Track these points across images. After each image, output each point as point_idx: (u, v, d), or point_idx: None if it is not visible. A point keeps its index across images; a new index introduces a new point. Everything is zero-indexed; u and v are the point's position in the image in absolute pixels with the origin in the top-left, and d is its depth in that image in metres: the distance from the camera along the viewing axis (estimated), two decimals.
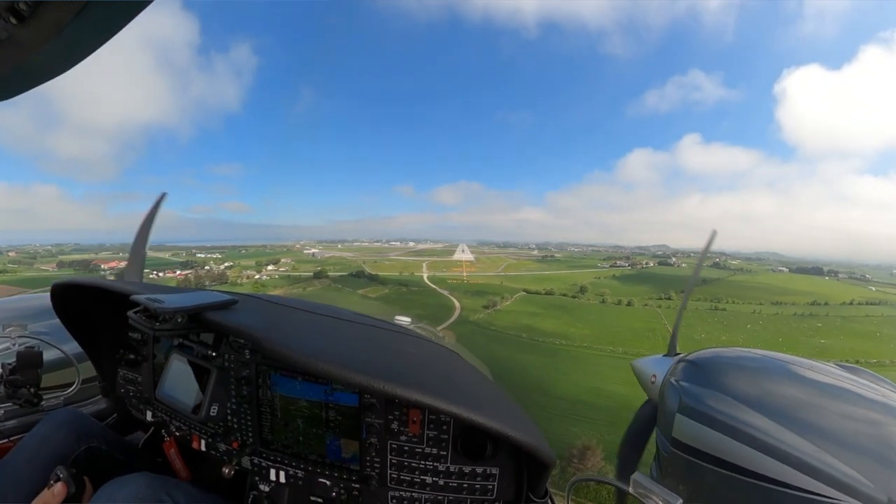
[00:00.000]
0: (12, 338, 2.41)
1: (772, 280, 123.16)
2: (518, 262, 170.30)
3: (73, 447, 1.67)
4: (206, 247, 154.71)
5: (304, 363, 1.27)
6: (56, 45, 0.76)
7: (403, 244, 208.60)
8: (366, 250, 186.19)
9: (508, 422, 1.30)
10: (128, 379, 2.10)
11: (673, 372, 2.36)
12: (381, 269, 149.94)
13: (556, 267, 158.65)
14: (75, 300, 1.99)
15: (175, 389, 1.77)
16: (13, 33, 0.72)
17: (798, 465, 1.60)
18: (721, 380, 2.07)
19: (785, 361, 2.19)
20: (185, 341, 1.73)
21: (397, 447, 1.57)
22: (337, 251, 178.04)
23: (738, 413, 1.85)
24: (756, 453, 1.70)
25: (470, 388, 1.55)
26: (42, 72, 0.87)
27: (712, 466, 1.84)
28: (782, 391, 1.95)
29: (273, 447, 1.72)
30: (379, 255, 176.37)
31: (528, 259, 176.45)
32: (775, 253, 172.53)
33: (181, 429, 1.92)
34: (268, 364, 1.66)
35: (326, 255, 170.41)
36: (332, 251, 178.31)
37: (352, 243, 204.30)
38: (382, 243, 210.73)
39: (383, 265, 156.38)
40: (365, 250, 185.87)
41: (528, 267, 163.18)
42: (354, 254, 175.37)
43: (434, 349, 2.04)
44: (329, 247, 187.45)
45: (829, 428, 1.71)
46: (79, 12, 0.69)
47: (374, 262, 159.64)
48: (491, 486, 1.53)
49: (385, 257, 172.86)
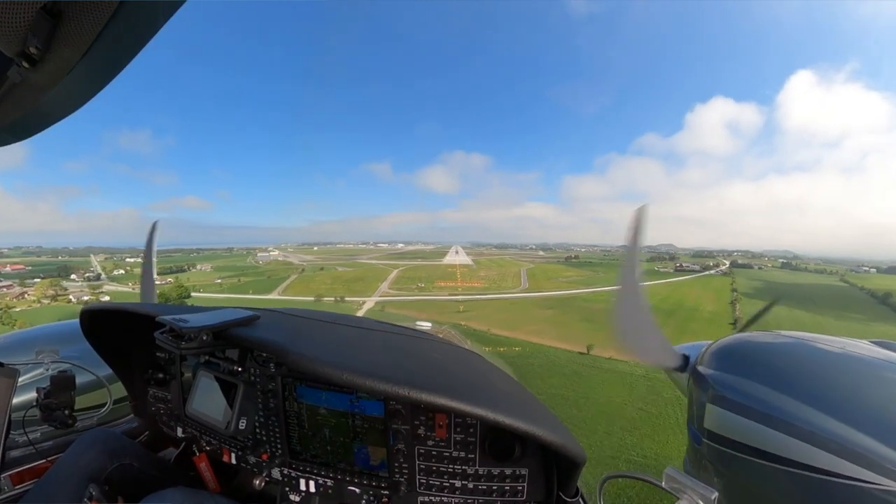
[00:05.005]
0: (46, 363, 2.48)
1: None
2: (537, 265, 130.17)
3: (107, 465, 1.71)
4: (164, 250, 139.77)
5: (328, 374, 1.28)
6: (66, 85, 0.79)
7: (391, 245, 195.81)
8: (337, 252, 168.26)
9: (535, 421, 1.29)
10: (158, 397, 2.15)
11: (701, 361, 2.30)
12: (304, 284, 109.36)
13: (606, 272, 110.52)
14: (104, 324, 2.04)
15: (204, 405, 1.80)
16: (26, 77, 0.75)
17: (839, 451, 1.51)
18: (752, 366, 2.01)
19: (816, 342, 2.12)
20: (211, 358, 1.77)
21: (425, 452, 1.56)
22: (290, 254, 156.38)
23: (772, 399, 1.78)
24: (793, 441, 1.63)
25: (494, 390, 1.54)
26: (55, 112, 0.91)
27: (748, 457, 1.78)
28: (816, 374, 1.88)
29: (302, 457, 1.74)
30: (347, 258, 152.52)
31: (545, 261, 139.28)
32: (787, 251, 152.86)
33: (211, 443, 1.95)
34: (293, 376, 1.68)
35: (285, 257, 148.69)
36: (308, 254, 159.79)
37: (335, 245, 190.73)
38: (369, 245, 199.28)
39: (320, 277, 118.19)
40: (336, 253, 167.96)
41: (563, 275, 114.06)
42: (317, 257, 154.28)
43: (456, 352, 2.03)
44: (304, 249, 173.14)
45: (869, 410, 1.63)
46: (86, 52, 0.73)
47: (319, 270, 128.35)
48: (521, 486, 1.52)
49: (353, 260, 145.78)
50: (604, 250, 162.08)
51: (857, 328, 67.82)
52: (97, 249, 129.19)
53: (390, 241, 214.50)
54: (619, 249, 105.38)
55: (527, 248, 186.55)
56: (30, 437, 2.05)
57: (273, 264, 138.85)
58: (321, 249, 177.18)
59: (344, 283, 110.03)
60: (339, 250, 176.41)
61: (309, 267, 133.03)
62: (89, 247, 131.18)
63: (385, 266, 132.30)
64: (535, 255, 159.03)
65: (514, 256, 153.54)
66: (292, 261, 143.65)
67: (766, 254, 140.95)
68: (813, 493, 1.57)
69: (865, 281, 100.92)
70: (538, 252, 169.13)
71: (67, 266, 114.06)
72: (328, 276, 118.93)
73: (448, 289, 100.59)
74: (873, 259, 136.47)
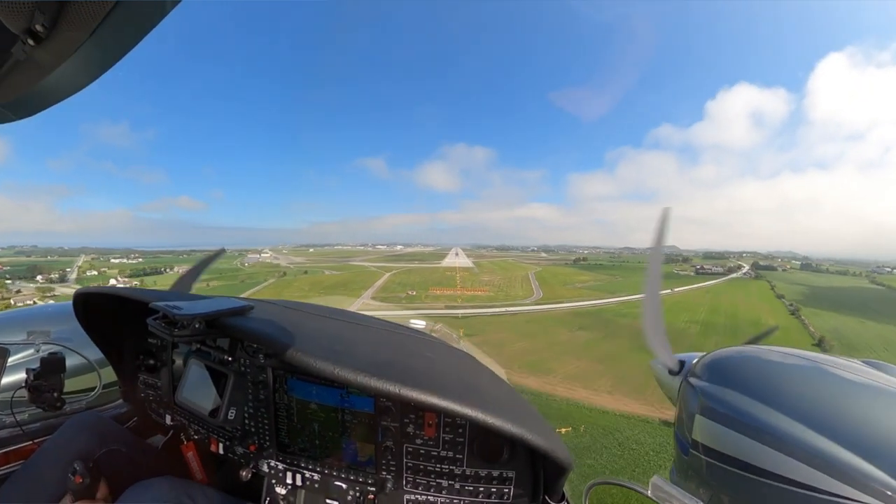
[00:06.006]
0: (36, 344, 2.47)
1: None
2: (544, 268, 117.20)
3: (95, 449, 1.71)
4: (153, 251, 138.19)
5: (318, 369, 1.27)
6: (72, 64, 0.79)
7: (390, 247, 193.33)
8: (332, 254, 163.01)
9: (524, 424, 1.28)
10: (148, 384, 2.14)
11: (692, 372, 2.31)
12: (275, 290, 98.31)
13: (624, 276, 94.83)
14: (96, 307, 2.03)
15: (193, 394, 1.80)
16: (31, 54, 0.75)
17: (822, 467, 1.51)
18: (742, 379, 2.02)
19: (808, 359, 2.12)
20: (202, 347, 1.76)
21: (413, 450, 1.57)
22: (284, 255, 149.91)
23: (761, 414, 1.79)
24: (780, 455, 1.63)
25: (485, 391, 1.54)
26: (59, 90, 0.90)
27: (735, 469, 1.79)
28: (806, 390, 1.89)
29: (290, 450, 1.73)
30: (341, 260, 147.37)
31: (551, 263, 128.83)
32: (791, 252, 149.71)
33: (199, 432, 1.95)
34: (284, 369, 1.67)
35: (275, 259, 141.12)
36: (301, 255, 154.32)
37: (333, 247, 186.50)
38: (367, 247, 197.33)
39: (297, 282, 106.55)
40: (331, 254, 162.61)
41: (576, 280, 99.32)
42: (309, 259, 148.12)
43: (449, 352, 2.03)
44: (300, 251, 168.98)
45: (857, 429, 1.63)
46: (93, 32, 0.72)
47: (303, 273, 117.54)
48: (507, 489, 1.52)
49: (346, 263, 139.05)
50: (607, 252, 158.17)
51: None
52: (91, 250, 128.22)
53: (389, 242, 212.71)
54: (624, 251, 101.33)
55: (528, 249, 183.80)
56: (17, 417, 2.04)
57: (257, 266, 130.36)
58: (317, 251, 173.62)
59: (323, 288, 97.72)
60: (336, 252, 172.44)
61: (294, 270, 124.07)
62: (84, 247, 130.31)
63: (377, 269, 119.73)
64: (538, 258, 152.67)
65: (517, 258, 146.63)
66: (281, 263, 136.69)
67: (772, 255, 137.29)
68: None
69: None
70: (540, 254, 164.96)
71: (37, 266, 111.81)
72: (307, 282, 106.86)
73: (445, 298, 79.53)
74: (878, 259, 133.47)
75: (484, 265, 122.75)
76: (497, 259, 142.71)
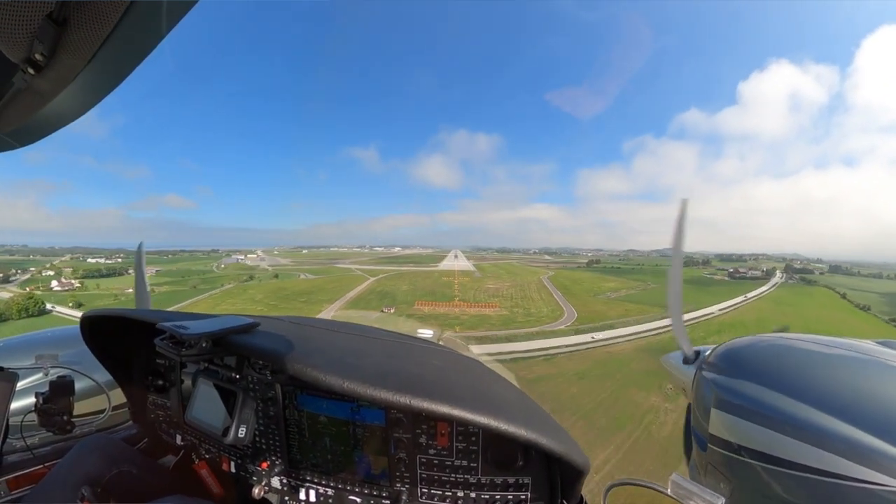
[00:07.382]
0: (45, 367, 2.47)
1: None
2: (557, 272, 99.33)
3: (105, 471, 1.70)
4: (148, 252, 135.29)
5: (327, 383, 1.27)
6: (72, 91, 0.80)
7: (388, 249, 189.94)
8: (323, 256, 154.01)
9: (538, 429, 1.26)
10: (157, 404, 2.14)
11: (708, 362, 2.28)
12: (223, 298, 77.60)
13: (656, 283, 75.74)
14: (103, 330, 2.04)
15: (203, 413, 1.79)
16: (32, 83, 0.76)
17: (847, 453, 1.49)
18: (756, 369, 1.99)
19: (821, 343, 2.10)
20: (210, 366, 1.76)
21: (427, 461, 1.55)
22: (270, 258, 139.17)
23: (779, 403, 1.76)
24: (801, 444, 1.61)
25: (496, 398, 1.53)
26: (60, 117, 0.93)
27: (755, 462, 1.76)
28: (823, 375, 1.86)
29: (302, 466, 1.72)
30: (328, 262, 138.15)
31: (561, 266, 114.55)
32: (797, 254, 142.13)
33: (210, 451, 1.94)
34: (293, 384, 1.67)
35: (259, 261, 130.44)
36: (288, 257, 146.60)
37: (329, 248, 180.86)
38: (364, 248, 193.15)
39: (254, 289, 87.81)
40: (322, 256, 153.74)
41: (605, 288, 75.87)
42: (293, 261, 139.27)
43: (458, 360, 2.01)
44: (293, 252, 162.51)
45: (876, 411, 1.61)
46: (91, 59, 0.74)
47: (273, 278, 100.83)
48: (524, 496, 1.51)
49: (331, 265, 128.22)
50: (612, 255, 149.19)
51: None
52: (81, 250, 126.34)
53: (387, 244, 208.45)
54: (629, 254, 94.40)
55: (530, 252, 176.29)
56: (27, 442, 2.03)
57: (230, 269, 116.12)
58: (310, 253, 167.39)
59: (281, 298, 78.17)
60: (330, 254, 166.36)
61: (270, 273, 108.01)
62: (75, 247, 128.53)
63: (362, 273, 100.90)
64: (543, 260, 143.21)
65: (521, 261, 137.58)
66: (262, 265, 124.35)
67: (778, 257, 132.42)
68: (822, 497, 1.55)
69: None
70: (543, 256, 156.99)
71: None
72: (268, 288, 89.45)
73: (437, 319, 53.54)
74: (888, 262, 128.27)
75: (487, 268, 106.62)
76: (500, 262, 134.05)
